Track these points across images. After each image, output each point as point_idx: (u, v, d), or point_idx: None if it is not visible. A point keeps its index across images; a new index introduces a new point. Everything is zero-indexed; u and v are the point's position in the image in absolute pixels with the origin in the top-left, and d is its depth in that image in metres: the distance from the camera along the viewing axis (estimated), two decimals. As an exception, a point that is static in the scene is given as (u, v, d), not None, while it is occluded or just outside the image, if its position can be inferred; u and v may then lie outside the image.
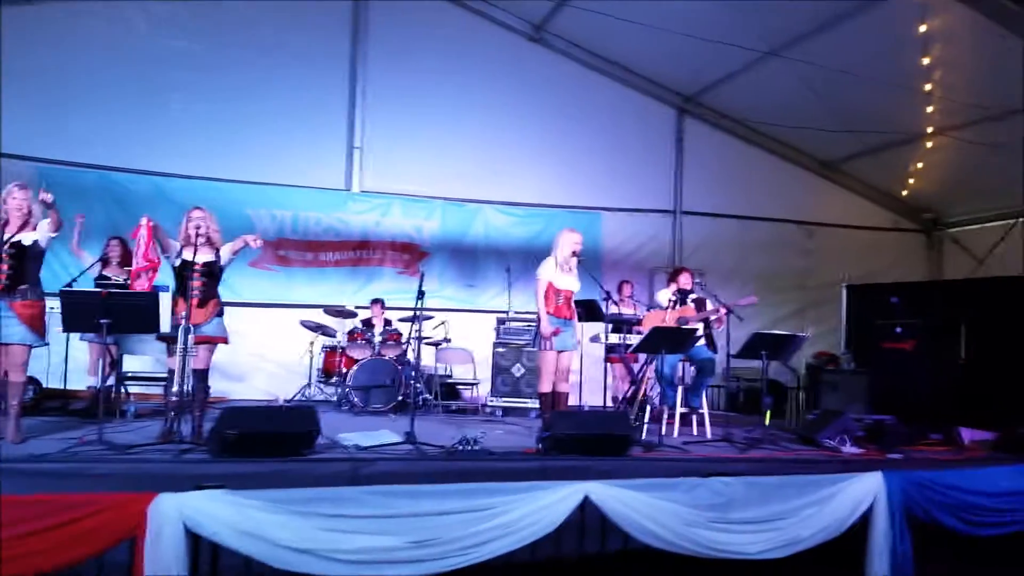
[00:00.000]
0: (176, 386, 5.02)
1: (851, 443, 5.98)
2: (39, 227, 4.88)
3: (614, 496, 4.09)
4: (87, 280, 6.69)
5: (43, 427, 5.37)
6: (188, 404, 5.05)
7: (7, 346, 4.74)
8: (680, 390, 6.72)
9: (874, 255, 10.88)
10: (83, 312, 4.65)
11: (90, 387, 6.79)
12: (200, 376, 5.15)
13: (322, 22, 9.36)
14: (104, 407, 4.98)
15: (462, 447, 4.73)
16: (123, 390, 6.50)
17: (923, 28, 7.70)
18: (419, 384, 7.65)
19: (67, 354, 6.70)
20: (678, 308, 6.98)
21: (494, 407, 8.06)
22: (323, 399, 8.19)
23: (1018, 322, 7.34)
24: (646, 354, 6.64)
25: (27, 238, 4.82)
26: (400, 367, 7.71)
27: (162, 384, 6.35)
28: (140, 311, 4.76)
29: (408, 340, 7.58)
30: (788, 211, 10.97)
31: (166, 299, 5.08)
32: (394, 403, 7.58)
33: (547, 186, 10.14)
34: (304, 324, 8.25)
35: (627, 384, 7.58)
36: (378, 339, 8.17)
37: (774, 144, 10.90)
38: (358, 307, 8.64)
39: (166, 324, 5.05)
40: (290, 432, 4.46)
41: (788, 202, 10.96)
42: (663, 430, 6.36)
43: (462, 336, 8.75)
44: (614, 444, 5.06)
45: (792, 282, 10.68)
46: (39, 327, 4.83)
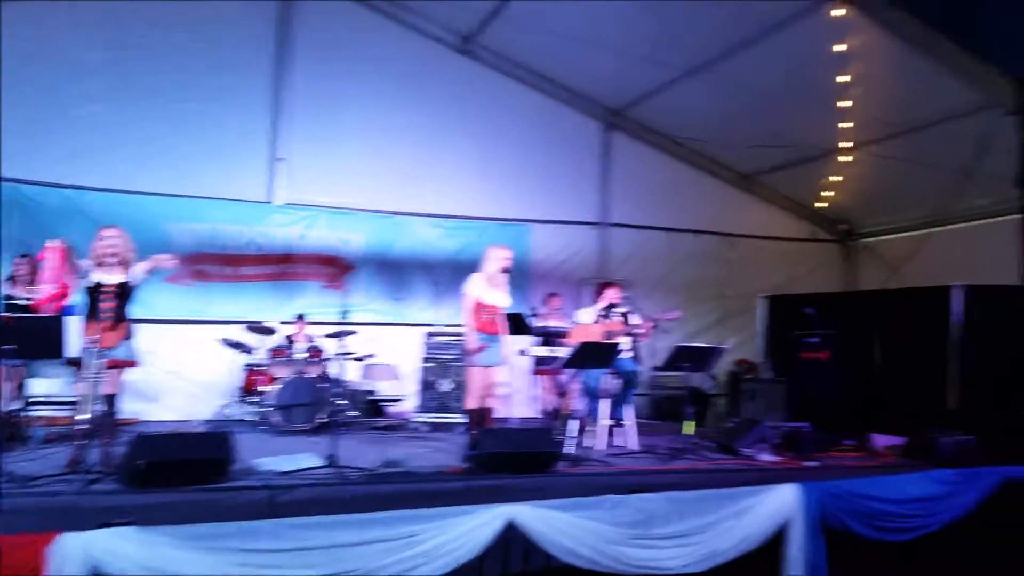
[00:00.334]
0: (85, 412, 4.80)
1: (769, 451, 6.17)
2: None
3: (537, 517, 4.09)
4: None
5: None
6: (96, 430, 4.84)
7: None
8: (606, 402, 6.79)
9: (792, 265, 11.24)
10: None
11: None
12: (109, 401, 4.95)
13: (244, 30, 9.11)
14: (9, 433, 4.74)
15: (386, 470, 4.67)
16: (30, 414, 6.20)
17: (838, 48, 8.00)
18: (343, 402, 7.52)
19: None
20: (605, 322, 7.06)
21: (421, 424, 7.98)
22: (243, 419, 7.96)
23: (928, 330, 7.65)
24: (573, 368, 6.71)
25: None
26: (323, 385, 7.57)
27: (71, 408, 6.07)
28: (45, 335, 4.56)
29: (332, 356, 7.45)
30: (711, 223, 11.22)
31: (76, 322, 4.87)
32: (317, 422, 7.42)
33: (475, 198, 10.12)
34: (222, 341, 8.01)
35: (555, 397, 7.63)
36: (301, 356, 8.01)
37: (697, 158, 11.16)
38: (283, 323, 8.45)
39: (75, 347, 4.84)
40: (203, 460, 4.31)
41: (711, 214, 11.22)
42: (589, 443, 6.43)
43: (389, 351, 8.65)
44: (540, 461, 5.07)
45: (715, 292, 10.94)
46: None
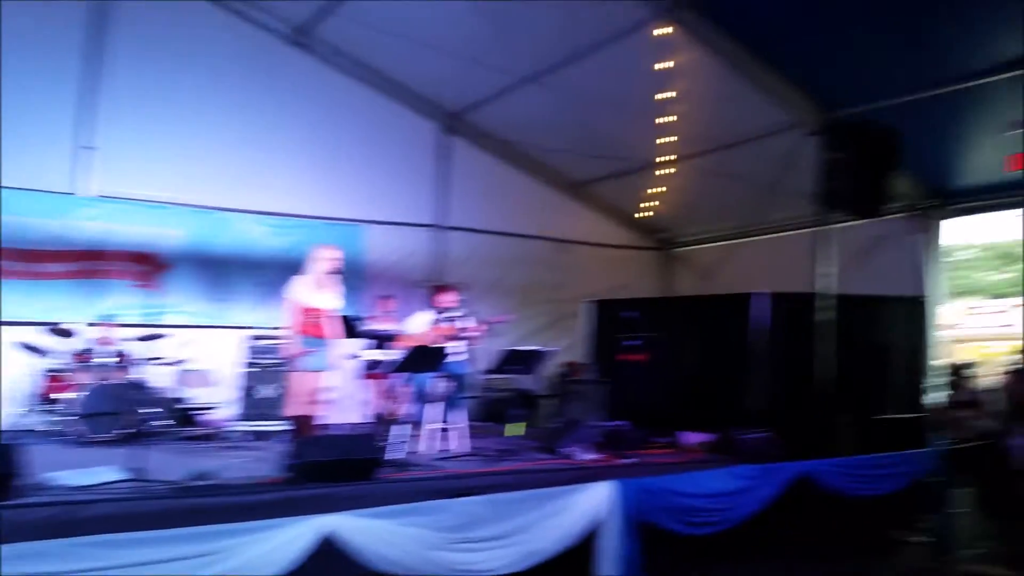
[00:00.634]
0: None
1: (589, 450, 6.42)
2: None
3: (356, 527, 4.00)
4: None
5: None
6: None
7: None
8: (436, 405, 6.79)
9: (618, 271, 11.77)
10: None
11: None
12: None
13: (52, 9, 8.32)
14: None
15: (195, 483, 4.40)
16: None
17: (663, 65, 8.46)
18: (153, 410, 7.03)
19: None
20: (440, 326, 7.05)
21: (241, 432, 7.59)
22: (41, 429, 7.25)
23: (733, 334, 8.23)
24: (404, 372, 6.66)
25: None
26: (131, 392, 7.02)
27: None
28: None
29: (141, 361, 6.94)
30: (544, 229, 11.54)
31: None
32: (123, 432, 6.85)
33: (307, 196, 9.82)
34: (18, 345, 7.26)
35: (385, 401, 7.54)
36: (107, 361, 7.39)
37: (532, 164, 11.44)
38: (89, 324, 7.77)
39: None
40: (-18, 477, 3.88)
41: (544, 220, 11.54)
42: (417, 447, 6.41)
43: (208, 355, 8.17)
44: (363, 468, 4.98)
45: (547, 296, 11.23)
46: None
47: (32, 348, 7.29)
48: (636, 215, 11.72)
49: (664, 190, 10.71)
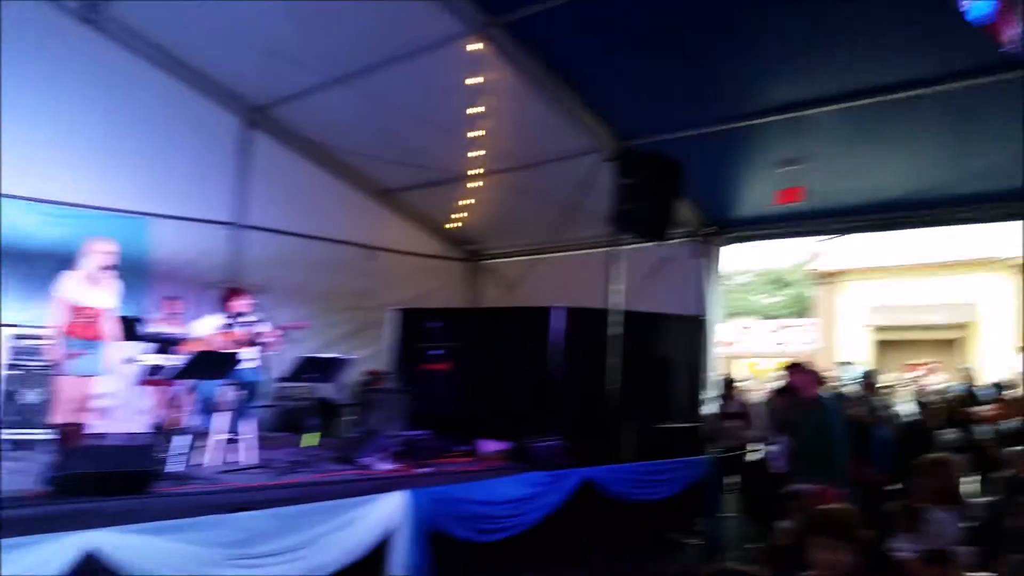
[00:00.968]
0: None
1: (387, 460, 6.35)
2: None
3: (121, 544, 3.68)
4: None
5: None
6: None
7: None
8: (224, 415, 6.43)
9: (426, 280, 11.79)
10: None
11: None
12: None
13: None
14: None
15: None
16: None
17: (474, 80, 8.60)
18: None
19: None
20: (230, 331, 6.70)
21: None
22: None
23: (532, 345, 8.50)
24: (189, 378, 6.25)
25: None
26: None
27: None
28: None
29: None
30: (351, 234, 11.31)
31: None
32: None
33: (88, 184, 8.93)
34: None
35: (166, 410, 7.03)
36: None
37: (341, 167, 11.17)
38: None
39: None
40: None
41: (352, 225, 11.30)
42: (202, 459, 6.03)
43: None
44: (136, 480, 4.63)
45: (352, 303, 11.01)
46: None
47: None
48: (446, 225, 11.81)
49: (473, 203, 10.88)
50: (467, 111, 8.91)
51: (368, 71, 8.88)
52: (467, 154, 9.72)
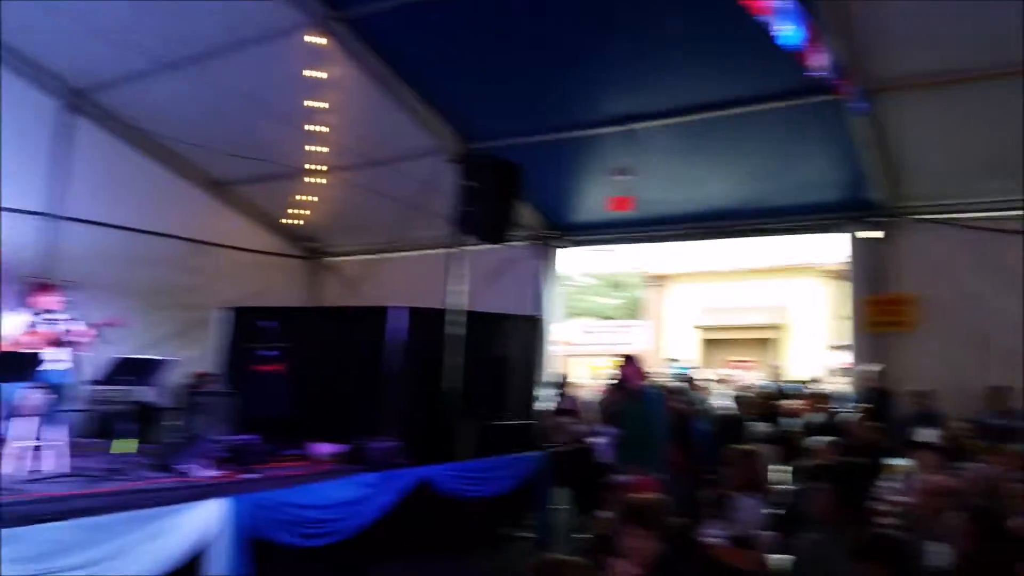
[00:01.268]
0: None
1: (209, 466, 6.06)
2: None
3: None
4: None
5: None
6: None
7: None
8: (28, 420, 5.91)
9: (263, 278, 11.40)
10: None
11: None
12: None
13: None
14: None
15: None
16: None
17: (315, 73, 8.39)
18: None
19: None
20: (36, 329, 6.17)
21: None
22: None
23: (371, 346, 8.39)
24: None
25: None
26: None
27: None
28: None
29: None
30: (181, 227, 10.73)
31: None
32: None
33: None
34: None
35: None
36: None
37: (170, 158, 10.60)
38: None
39: None
40: None
41: (180, 218, 10.74)
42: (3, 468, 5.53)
43: None
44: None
45: (178, 300, 10.44)
46: None
47: None
48: (282, 221, 11.45)
49: (314, 199, 10.62)
50: (308, 104, 8.70)
51: (202, 57, 8.49)
52: (308, 148, 9.48)
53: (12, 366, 5.33)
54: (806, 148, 8.61)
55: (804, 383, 11.01)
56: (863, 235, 9.28)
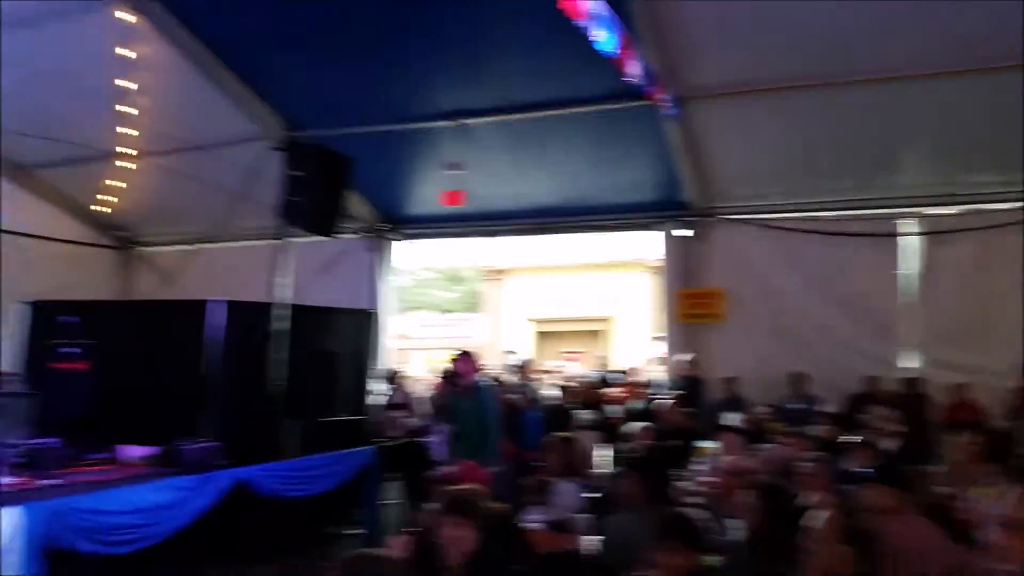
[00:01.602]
0: None
1: (4, 472, 5.55)
2: None
3: None
4: None
5: None
6: None
7: None
8: None
9: (68, 269, 10.51)
10: None
11: None
12: None
13: None
14: None
15: None
16: None
17: (124, 52, 7.81)
18: None
19: None
20: None
21: None
22: None
23: (189, 342, 7.93)
24: None
25: None
26: None
27: None
28: None
29: None
30: (-31, 214, 9.67)
31: None
32: None
33: None
34: None
35: None
36: None
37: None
38: None
39: None
40: None
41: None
42: None
43: None
44: None
45: (-34, 294, 9.42)
46: None
47: None
48: (94, 208, 10.59)
49: (124, 185, 9.89)
50: (118, 83, 8.10)
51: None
52: (118, 130, 8.82)
53: None
54: (625, 150, 9.07)
55: (625, 372, 11.60)
56: (677, 233, 9.94)
